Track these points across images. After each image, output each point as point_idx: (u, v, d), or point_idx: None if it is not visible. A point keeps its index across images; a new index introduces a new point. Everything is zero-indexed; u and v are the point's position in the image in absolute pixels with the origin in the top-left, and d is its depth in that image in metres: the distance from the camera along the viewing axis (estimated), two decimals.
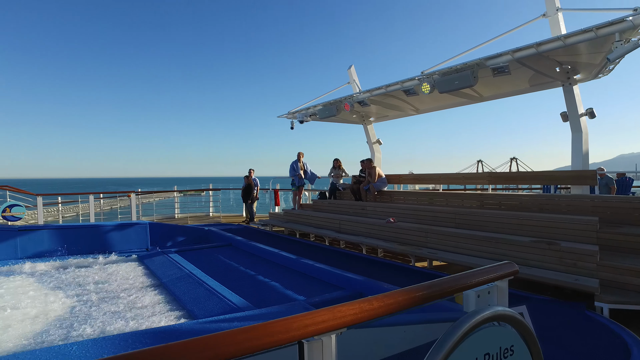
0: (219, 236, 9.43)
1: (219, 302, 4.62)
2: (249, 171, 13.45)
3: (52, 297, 5.35)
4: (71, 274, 6.68)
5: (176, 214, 15.34)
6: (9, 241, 7.72)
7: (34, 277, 6.47)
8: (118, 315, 4.55)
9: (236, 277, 6.17)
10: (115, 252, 8.36)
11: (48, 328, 4.23)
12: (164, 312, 4.62)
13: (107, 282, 6.10)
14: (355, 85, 11.12)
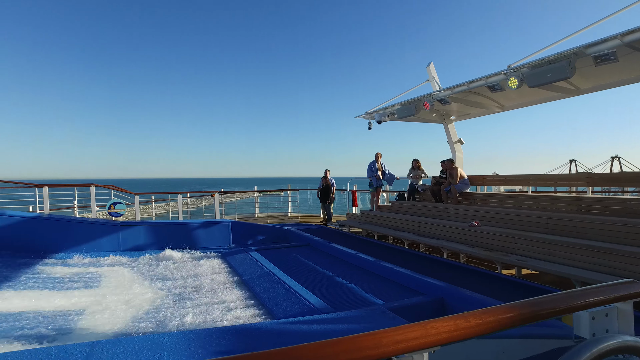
0: (297, 236, 9.61)
1: (298, 302, 4.67)
2: (325, 172, 13.55)
3: (146, 287, 5.82)
4: (162, 267, 7.21)
5: (256, 213, 15.96)
6: (113, 235, 8.59)
7: (131, 268, 7.09)
8: (202, 308, 4.80)
9: (314, 277, 6.21)
10: (201, 248, 8.90)
11: (142, 316, 4.59)
12: (245, 309, 4.78)
13: (193, 276, 6.49)
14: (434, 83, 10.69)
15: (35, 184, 11.50)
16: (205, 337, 2.91)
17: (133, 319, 4.48)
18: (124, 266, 7.25)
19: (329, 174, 13.54)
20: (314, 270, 6.67)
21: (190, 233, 9.24)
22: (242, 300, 5.17)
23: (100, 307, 4.85)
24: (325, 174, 13.48)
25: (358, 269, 6.61)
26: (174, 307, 4.90)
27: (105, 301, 5.11)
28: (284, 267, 6.61)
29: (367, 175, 11.61)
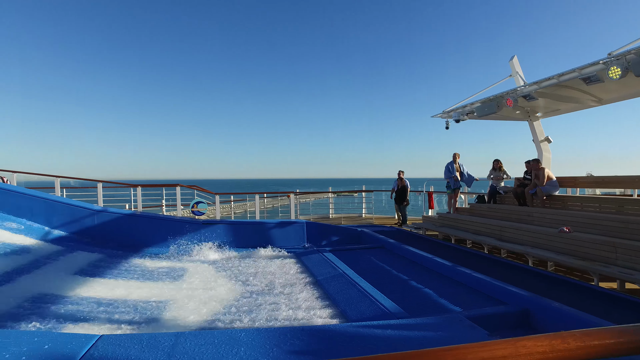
0: (371, 238, 9.55)
1: (371, 305, 4.65)
2: (399, 173, 13.31)
3: (225, 283, 6.16)
4: (240, 264, 7.57)
5: (330, 214, 16.14)
6: (196, 233, 9.21)
7: (212, 265, 7.55)
8: (276, 307, 4.96)
9: (388, 280, 6.13)
10: (276, 247, 9.20)
11: (220, 311, 4.87)
12: (318, 309, 4.86)
13: (268, 275, 6.73)
14: (518, 78, 10.02)
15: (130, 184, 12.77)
16: (279, 335, 3.01)
17: (212, 313, 4.77)
18: (205, 262, 7.74)
19: (402, 175, 13.28)
20: (387, 273, 6.59)
21: (267, 232, 9.60)
22: (315, 300, 5.26)
23: (184, 300, 5.24)
24: (400, 175, 13.24)
25: (433, 274, 6.40)
26: (250, 304, 5.13)
27: (188, 295, 5.50)
28: (358, 268, 6.61)
29: (444, 176, 11.21)
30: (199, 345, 2.76)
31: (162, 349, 2.68)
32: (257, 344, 2.85)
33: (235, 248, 9.08)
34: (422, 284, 5.79)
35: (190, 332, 3.02)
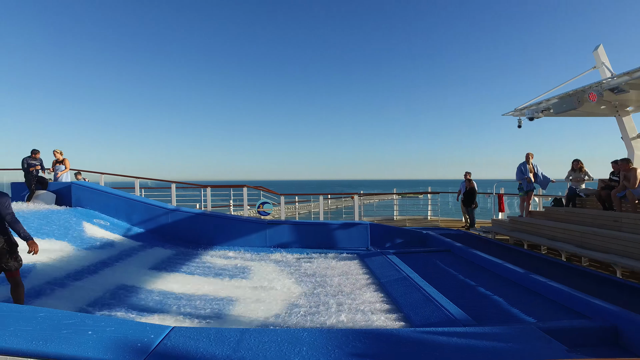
0: (437, 241, 9.24)
1: (436, 311, 4.48)
2: (466, 174, 12.73)
3: (288, 283, 6.28)
4: (303, 264, 7.68)
5: (395, 216, 15.86)
6: (261, 232, 9.50)
7: (277, 264, 7.73)
8: (338, 308, 4.95)
9: (454, 285, 5.89)
10: (339, 249, 9.22)
11: (283, 309, 4.96)
12: (381, 312, 4.78)
13: (331, 276, 6.75)
14: (604, 70, 9.15)
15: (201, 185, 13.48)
16: (342, 337, 3.00)
17: (275, 311, 4.88)
18: (270, 261, 7.95)
19: (470, 176, 12.69)
20: (454, 278, 6.33)
21: (330, 233, 9.64)
22: (378, 303, 5.19)
23: (248, 297, 5.41)
24: (467, 177, 12.66)
25: (504, 280, 6.04)
26: (312, 304, 5.17)
27: (252, 292, 5.68)
28: (423, 272, 6.42)
29: (517, 177, 10.53)
30: (263, 343, 2.83)
31: (228, 343, 2.78)
32: (319, 344, 2.86)
33: (299, 248, 9.24)
34: (491, 291, 5.48)
35: (255, 329, 3.10)
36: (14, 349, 2.37)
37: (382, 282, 6.18)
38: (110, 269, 6.41)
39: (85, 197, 10.03)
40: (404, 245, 9.80)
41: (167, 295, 5.40)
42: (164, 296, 5.33)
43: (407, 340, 2.99)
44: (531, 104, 9.84)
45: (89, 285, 5.48)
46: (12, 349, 2.36)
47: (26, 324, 2.66)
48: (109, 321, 2.89)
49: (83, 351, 2.43)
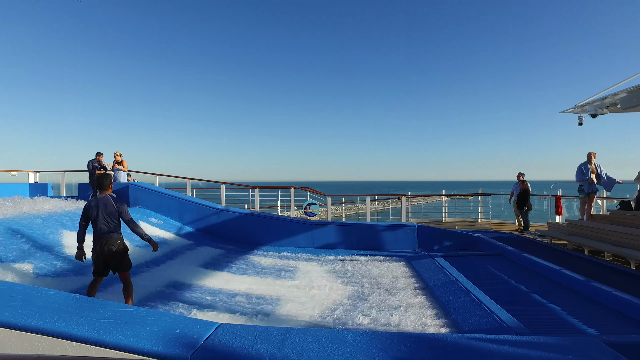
0: (488, 244, 8.88)
1: (486, 316, 4.30)
2: (519, 175, 12.12)
3: (334, 284, 6.26)
4: (349, 266, 7.64)
5: (444, 218, 15.43)
6: (307, 233, 9.57)
7: (322, 264, 7.75)
8: (384, 311, 4.87)
9: (506, 291, 5.62)
10: (386, 250, 9.08)
11: (328, 310, 4.95)
12: (427, 316, 4.65)
13: (377, 278, 6.66)
14: None
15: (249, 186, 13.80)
16: (386, 340, 2.94)
17: (320, 311, 4.88)
18: (316, 262, 7.98)
19: (523, 177, 12.08)
20: (506, 284, 6.04)
21: (377, 235, 9.54)
22: (425, 307, 5.05)
23: (293, 297, 5.45)
24: (521, 178, 12.05)
25: (561, 288, 5.68)
26: (357, 305, 5.13)
27: (298, 292, 5.72)
28: (473, 276, 6.19)
29: (577, 179, 9.89)
30: (307, 342, 2.84)
31: (273, 342, 2.81)
32: (363, 346, 2.82)
33: (345, 249, 9.22)
34: (547, 299, 5.18)
35: (299, 329, 3.11)
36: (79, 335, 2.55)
37: (429, 285, 6.02)
38: (163, 266, 6.71)
39: (142, 197, 10.59)
40: (452, 248, 9.50)
41: (215, 292, 5.57)
42: (212, 293, 5.51)
43: (455, 346, 2.88)
44: (594, 100, 9.19)
45: (142, 281, 5.77)
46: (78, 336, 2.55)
47: (89, 313, 2.84)
48: (161, 315, 3.02)
49: (137, 342, 2.55)
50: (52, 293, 3.23)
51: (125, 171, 11.70)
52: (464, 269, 6.72)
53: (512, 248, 8.05)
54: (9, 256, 5.57)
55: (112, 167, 11.49)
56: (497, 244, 8.63)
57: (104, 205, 4.54)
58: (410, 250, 9.14)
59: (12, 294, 3.07)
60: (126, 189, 10.74)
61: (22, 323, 2.61)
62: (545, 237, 10.05)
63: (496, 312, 4.36)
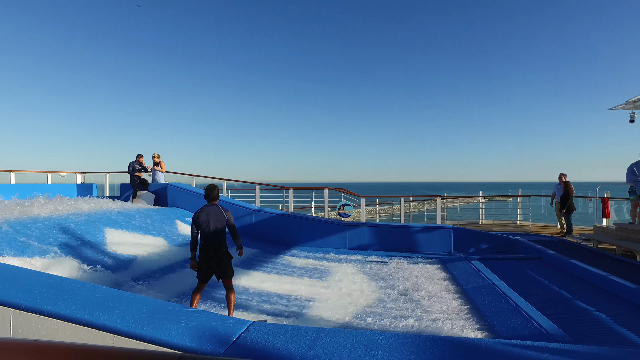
0: (527, 247, 8.55)
1: (524, 322, 4.13)
2: (560, 176, 11.57)
3: (366, 285, 6.21)
4: (383, 267, 7.55)
5: (480, 220, 15.00)
6: (341, 234, 9.54)
7: (355, 265, 7.70)
8: (417, 313, 4.79)
9: (546, 296, 5.39)
10: (420, 252, 8.92)
11: (360, 311, 4.91)
12: (462, 320, 4.53)
13: (411, 280, 6.55)
14: None
15: (283, 187, 13.91)
16: (419, 343, 2.88)
17: (352, 313, 4.85)
18: (349, 263, 7.94)
19: (566, 178, 11.52)
20: (546, 289, 5.79)
21: (411, 236, 9.39)
22: (460, 310, 4.92)
23: (326, 298, 5.44)
24: (563, 179, 11.50)
25: (608, 295, 5.39)
26: (391, 307, 5.06)
27: (330, 293, 5.70)
28: (510, 280, 5.98)
29: (627, 180, 9.34)
30: (338, 343, 2.82)
31: (304, 341, 2.82)
32: (395, 348, 2.78)
33: (378, 251, 9.13)
34: (592, 306, 4.92)
35: (331, 329, 3.10)
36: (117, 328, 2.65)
37: (464, 288, 5.86)
38: None
39: (179, 197, 10.91)
40: (489, 251, 9.21)
41: (248, 291, 5.66)
42: (245, 292, 5.59)
43: (491, 351, 2.78)
44: None
45: (178, 279, 5.94)
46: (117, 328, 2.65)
47: (128, 308, 2.95)
48: (195, 312, 3.10)
49: (172, 337, 2.63)
50: (94, 287, 3.37)
51: (163, 172, 12.08)
52: (501, 273, 6.50)
53: (554, 252, 7.72)
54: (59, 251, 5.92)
55: (151, 168, 11.91)
56: (537, 247, 8.29)
57: (214, 215, 4.64)
58: (445, 252, 8.94)
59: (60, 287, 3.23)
60: (164, 189, 11.10)
61: (69, 314, 2.74)
62: (591, 241, 9.57)
63: (535, 318, 4.18)
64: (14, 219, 6.49)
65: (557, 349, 3.01)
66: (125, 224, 7.99)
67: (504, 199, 16.71)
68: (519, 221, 14.42)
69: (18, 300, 2.80)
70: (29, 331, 2.71)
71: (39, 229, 6.37)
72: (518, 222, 14.39)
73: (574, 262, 6.78)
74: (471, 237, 9.60)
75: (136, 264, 6.28)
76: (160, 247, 7.31)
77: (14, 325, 2.73)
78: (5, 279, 3.20)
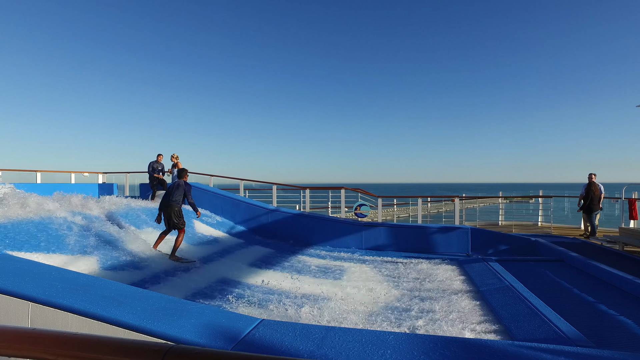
0: (548, 249, 8.34)
1: (542, 325, 4.02)
2: (590, 176, 11.22)
3: (382, 285, 6.15)
4: (398, 268, 7.48)
5: (500, 221, 14.71)
6: (357, 234, 9.49)
7: (371, 266, 7.64)
8: (433, 314, 4.71)
9: (567, 299, 5.24)
10: (437, 253, 8.80)
11: (374, 311, 4.87)
12: (477, 322, 4.44)
13: (427, 281, 6.46)
14: None
15: (300, 187, 13.93)
16: (430, 343, 2.83)
17: (367, 313, 4.82)
18: (365, 263, 7.89)
19: (594, 179, 11.16)
20: (567, 292, 5.63)
21: (428, 237, 9.28)
22: (475, 312, 4.83)
23: (341, 297, 5.41)
24: (592, 179, 11.14)
25: (634, 299, 5.20)
26: (404, 308, 5.00)
27: (345, 292, 5.67)
28: (529, 283, 5.84)
29: None
30: (347, 342, 2.80)
31: (313, 339, 2.80)
32: (405, 348, 2.74)
33: (395, 251, 9.05)
34: (616, 310, 4.76)
35: (340, 328, 3.08)
36: (129, 323, 2.69)
37: (481, 290, 5.75)
38: (214, 263, 6.95)
39: (197, 197, 11.04)
40: (508, 252, 9.03)
41: (262, 290, 5.68)
42: (260, 291, 5.61)
43: (504, 353, 2.71)
44: None
45: (195, 276, 6.01)
46: (128, 324, 2.69)
47: (139, 304, 3.00)
48: (206, 309, 3.12)
49: (182, 333, 2.65)
50: (109, 283, 3.44)
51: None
52: (520, 275, 6.35)
53: (576, 254, 7.51)
54: (78, 248, 6.07)
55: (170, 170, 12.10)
56: (558, 249, 8.08)
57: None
58: (463, 253, 8.80)
59: (76, 282, 3.30)
60: None
61: (82, 308, 2.80)
62: (617, 244, 9.26)
63: (554, 321, 4.07)
64: (44, 216, 6.73)
65: (576, 353, 2.92)
66: (144, 222, 8.16)
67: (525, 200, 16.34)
68: (540, 222, 14.08)
69: (36, 294, 2.87)
70: (45, 324, 2.78)
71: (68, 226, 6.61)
72: (539, 223, 14.06)
73: (597, 265, 6.58)
74: (490, 238, 9.43)
75: (154, 262, 6.39)
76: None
77: (32, 317, 2.80)
78: (25, 273, 3.30)
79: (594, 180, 11.12)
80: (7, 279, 3.05)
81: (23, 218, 6.45)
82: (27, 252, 5.54)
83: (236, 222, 10.33)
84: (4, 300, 2.84)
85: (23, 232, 6.04)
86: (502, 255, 8.70)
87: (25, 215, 6.59)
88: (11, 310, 2.83)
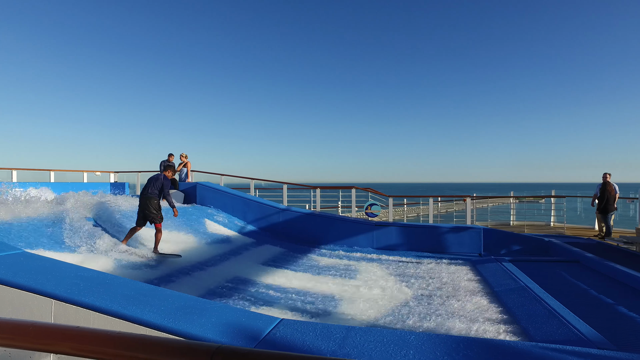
0: (562, 250, 8.25)
1: (561, 327, 3.98)
2: (604, 176, 11.06)
3: (395, 285, 6.12)
4: (411, 268, 7.44)
5: (511, 221, 14.58)
6: (368, 234, 9.46)
7: (383, 265, 7.61)
8: (448, 314, 4.68)
9: (584, 300, 5.17)
10: (449, 253, 8.74)
11: (389, 311, 4.85)
12: (494, 322, 4.39)
13: (440, 281, 6.42)
14: None
15: (311, 186, 13.92)
16: (452, 344, 2.81)
17: (381, 312, 4.79)
18: (376, 262, 7.87)
19: (609, 178, 10.99)
20: (584, 293, 5.56)
21: (439, 237, 9.22)
22: (491, 312, 4.78)
23: (354, 297, 5.40)
24: (606, 179, 10.97)
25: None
26: (419, 308, 4.97)
27: (358, 292, 5.66)
28: (545, 283, 5.78)
29: None
30: (368, 342, 2.79)
31: (334, 339, 2.80)
32: (427, 349, 2.72)
33: (406, 251, 9.01)
34: (635, 312, 4.69)
35: (361, 328, 3.07)
36: (150, 321, 2.70)
37: (495, 290, 5.70)
38: (227, 263, 6.98)
39: (208, 196, 11.09)
40: (521, 253, 8.94)
41: (275, 289, 5.68)
42: (272, 290, 5.62)
43: (527, 355, 2.67)
44: None
45: (207, 276, 6.04)
46: (149, 322, 2.70)
47: (160, 302, 3.01)
48: (225, 308, 3.12)
49: (203, 332, 2.66)
50: (128, 281, 3.46)
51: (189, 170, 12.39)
52: (535, 275, 6.28)
53: (591, 255, 7.41)
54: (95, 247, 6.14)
55: (179, 168, 12.19)
56: (572, 249, 7.99)
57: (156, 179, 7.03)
58: (475, 253, 8.74)
59: (97, 280, 3.33)
60: (193, 188, 11.31)
61: (104, 306, 2.82)
62: (633, 245, 9.13)
63: (573, 322, 4.02)
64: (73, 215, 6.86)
65: (598, 355, 2.88)
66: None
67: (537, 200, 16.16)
68: (553, 222, 13.94)
69: (58, 291, 2.90)
70: (67, 321, 2.81)
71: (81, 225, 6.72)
72: (552, 223, 13.91)
73: (614, 266, 6.49)
74: (502, 238, 9.34)
75: (168, 261, 6.43)
76: (190, 245, 7.48)
77: (55, 314, 2.83)
78: (46, 271, 3.33)
79: (609, 180, 10.96)
80: (30, 277, 3.09)
81: (36, 216, 6.56)
82: (44, 249, 5.63)
83: (247, 221, 10.35)
84: (28, 297, 2.88)
85: (33, 230, 6.14)
86: (516, 255, 8.61)
87: (45, 212, 6.70)
88: (35, 307, 2.87)
